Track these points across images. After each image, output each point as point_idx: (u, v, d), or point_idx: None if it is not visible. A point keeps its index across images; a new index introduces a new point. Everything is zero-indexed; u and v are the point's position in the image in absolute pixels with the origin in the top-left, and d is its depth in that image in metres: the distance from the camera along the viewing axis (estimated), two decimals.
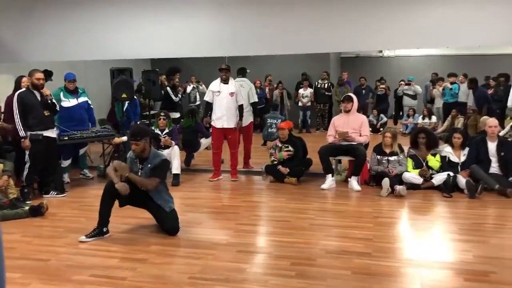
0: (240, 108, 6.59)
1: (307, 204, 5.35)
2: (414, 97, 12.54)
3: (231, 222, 4.80)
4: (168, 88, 8.62)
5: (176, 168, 6.44)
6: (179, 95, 7.44)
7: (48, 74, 7.58)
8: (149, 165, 4.25)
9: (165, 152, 6.17)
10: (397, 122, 13.04)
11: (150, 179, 4.21)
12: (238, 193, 6.04)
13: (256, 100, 7.48)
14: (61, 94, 6.47)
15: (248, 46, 6.86)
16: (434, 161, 6.03)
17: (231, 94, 6.47)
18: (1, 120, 6.12)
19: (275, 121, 9.09)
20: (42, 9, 7.43)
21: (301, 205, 5.32)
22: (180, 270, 3.46)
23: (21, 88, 5.88)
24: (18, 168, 5.74)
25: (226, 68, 6.52)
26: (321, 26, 6.56)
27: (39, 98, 5.56)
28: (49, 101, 5.61)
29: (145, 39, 7.11)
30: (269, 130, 9.12)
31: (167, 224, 4.27)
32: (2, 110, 6.42)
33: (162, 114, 6.81)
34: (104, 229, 4.20)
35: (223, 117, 6.49)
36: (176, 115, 7.78)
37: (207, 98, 6.74)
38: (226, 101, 6.46)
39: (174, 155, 6.38)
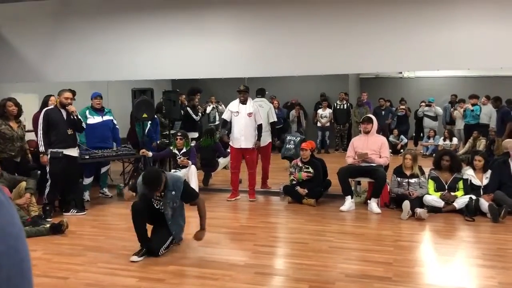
0: (259, 127, 6.58)
1: (325, 226, 5.29)
2: (434, 118, 12.42)
3: (248, 243, 4.78)
4: (188, 108, 8.72)
5: (194, 187, 6.46)
6: (200, 114, 7.49)
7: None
8: (172, 192, 4.23)
9: (182, 172, 6.22)
10: (417, 143, 12.89)
11: (199, 205, 4.32)
12: (256, 214, 6.02)
13: (275, 119, 7.50)
14: (87, 111, 6.62)
15: (267, 67, 6.93)
16: (460, 191, 5.91)
17: (249, 114, 6.48)
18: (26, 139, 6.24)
19: (294, 138, 9.09)
20: (66, 31, 7.67)
21: (319, 227, 5.27)
22: None
23: (48, 106, 6.06)
24: (41, 186, 5.85)
25: (244, 90, 6.54)
26: (341, 47, 6.61)
27: (65, 116, 5.69)
28: (74, 117, 5.71)
29: (166, 60, 7.26)
30: (287, 146, 9.10)
31: (153, 243, 4.21)
32: (27, 128, 6.56)
33: (179, 134, 6.85)
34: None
35: (241, 137, 6.50)
36: (195, 134, 7.83)
37: (225, 116, 6.75)
38: (244, 122, 6.48)
39: (192, 175, 6.40)
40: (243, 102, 6.53)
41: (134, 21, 7.39)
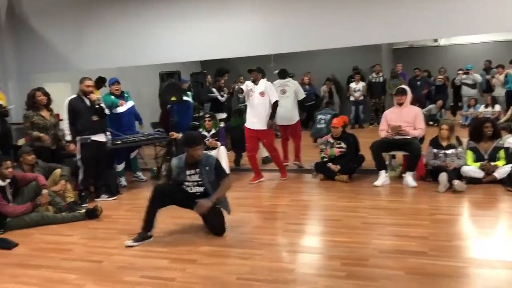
0: (274, 105, 6.31)
1: (359, 202, 5.17)
2: (473, 86, 11.90)
3: (280, 222, 4.75)
4: (214, 89, 8.67)
5: (225, 168, 6.46)
6: (225, 95, 7.45)
7: (102, 81, 7.87)
8: (206, 168, 4.26)
9: (212, 154, 6.20)
10: (455, 113, 12.43)
11: (223, 182, 4.28)
12: (287, 192, 5.96)
13: (304, 96, 7.37)
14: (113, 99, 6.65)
15: (295, 42, 6.76)
16: (501, 161, 5.64)
17: (262, 93, 6.25)
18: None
19: (325, 117, 8.91)
20: (93, 19, 7.73)
21: (352, 203, 5.16)
22: (228, 270, 3.44)
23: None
24: (77, 173, 5.99)
25: (254, 69, 6.32)
26: (371, 16, 6.34)
27: (88, 104, 5.76)
28: (97, 106, 5.78)
29: (193, 42, 7.21)
30: (318, 126, 8.94)
31: (214, 224, 4.27)
32: (61, 117, 6.69)
33: (207, 115, 6.85)
34: (149, 233, 4.21)
35: (254, 118, 6.33)
36: (223, 115, 7.81)
37: (242, 86, 6.52)
38: (257, 101, 6.29)
39: (221, 156, 6.37)
40: (254, 82, 6.32)
41: (160, 4, 7.35)
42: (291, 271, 3.38)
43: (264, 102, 6.27)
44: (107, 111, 6.00)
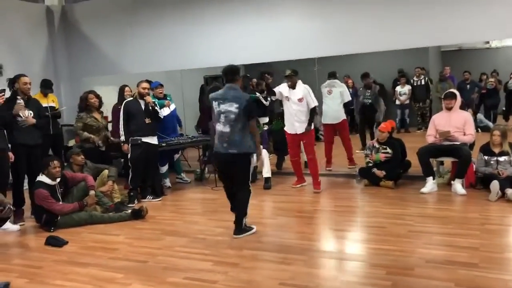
0: (312, 111, 6.11)
1: (404, 209, 5.03)
2: None
3: (323, 227, 4.69)
4: (257, 93, 8.69)
5: (266, 171, 6.46)
6: (269, 99, 7.43)
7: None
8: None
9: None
10: (508, 118, 11.90)
11: (252, 128, 4.34)
12: (331, 197, 5.88)
13: (350, 99, 7.32)
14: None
15: (339, 45, 6.70)
16: None
17: (300, 100, 6.04)
18: (109, 129, 6.57)
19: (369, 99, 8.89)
20: (140, 24, 7.97)
21: (398, 210, 5.03)
22: (270, 275, 3.42)
23: (124, 95, 6.36)
24: (126, 173, 6.17)
25: (291, 74, 6.09)
26: (418, 18, 6.18)
27: (143, 106, 5.92)
28: (151, 108, 5.93)
29: (236, 46, 7.27)
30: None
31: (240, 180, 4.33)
32: (110, 119, 6.90)
33: None
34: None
35: (294, 123, 6.12)
36: (265, 119, 7.79)
37: (279, 97, 6.38)
38: (295, 107, 6.06)
39: (263, 159, 6.37)
40: (292, 87, 6.12)
41: (203, 9, 7.47)
42: (333, 278, 3.34)
43: (303, 107, 6.05)
44: (161, 115, 6.14)
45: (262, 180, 6.51)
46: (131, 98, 6.07)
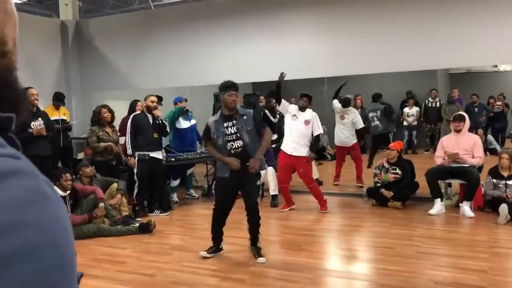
0: (316, 139, 6.03)
1: (412, 230, 5.02)
2: None
3: (330, 246, 4.68)
4: (266, 110, 8.77)
5: (273, 189, 6.45)
6: (277, 116, 7.50)
7: (159, 99, 8.14)
8: (244, 117, 4.19)
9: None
10: None
11: (263, 133, 4.22)
12: (339, 217, 5.87)
13: (362, 126, 7.39)
14: (180, 117, 6.77)
15: (348, 65, 6.77)
16: None
17: (306, 122, 5.94)
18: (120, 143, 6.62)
19: (375, 113, 8.82)
20: (152, 41, 8.11)
21: (406, 231, 5.01)
22: None
23: (135, 111, 6.39)
24: (131, 187, 6.18)
25: (306, 94, 6.05)
26: (427, 41, 6.27)
27: (151, 121, 5.96)
28: (159, 122, 5.96)
29: (245, 64, 7.37)
30: (372, 124, 8.82)
31: (251, 196, 4.24)
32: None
33: None
34: (220, 246, 4.33)
35: (293, 143, 5.94)
36: (274, 136, 7.85)
37: (282, 109, 6.25)
38: (299, 127, 5.95)
39: (269, 176, 6.38)
40: (302, 109, 6.01)
41: (214, 28, 7.60)
42: None
43: (307, 131, 5.93)
44: (168, 129, 6.18)
45: (269, 198, 6.52)
46: (139, 112, 6.11)
